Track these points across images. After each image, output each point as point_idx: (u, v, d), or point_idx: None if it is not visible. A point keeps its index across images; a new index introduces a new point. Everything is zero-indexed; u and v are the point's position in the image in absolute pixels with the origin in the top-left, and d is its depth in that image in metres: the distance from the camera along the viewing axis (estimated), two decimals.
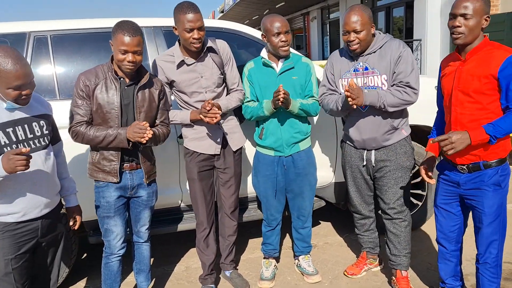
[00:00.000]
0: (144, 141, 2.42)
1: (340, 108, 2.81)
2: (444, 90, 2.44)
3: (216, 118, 2.66)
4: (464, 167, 2.38)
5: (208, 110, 2.65)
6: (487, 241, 2.40)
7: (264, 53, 2.98)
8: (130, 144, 2.51)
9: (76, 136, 2.50)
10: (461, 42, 2.26)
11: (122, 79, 2.55)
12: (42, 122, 2.19)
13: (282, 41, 2.84)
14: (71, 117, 2.52)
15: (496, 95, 2.22)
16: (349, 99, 2.58)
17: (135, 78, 2.57)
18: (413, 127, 3.11)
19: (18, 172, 1.97)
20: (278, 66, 2.96)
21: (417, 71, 2.72)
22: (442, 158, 2.63)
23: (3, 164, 1.92)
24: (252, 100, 3.01)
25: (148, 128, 2.41)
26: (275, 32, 2.83)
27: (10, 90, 1.99)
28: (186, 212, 3.52)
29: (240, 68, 3.07)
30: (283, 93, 2.71)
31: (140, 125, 2.42)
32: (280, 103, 2.74)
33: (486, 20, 2.22)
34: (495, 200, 2.34)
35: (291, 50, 3.02)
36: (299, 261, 3.36)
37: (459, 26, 2.23)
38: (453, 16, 2.26)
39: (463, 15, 2.21)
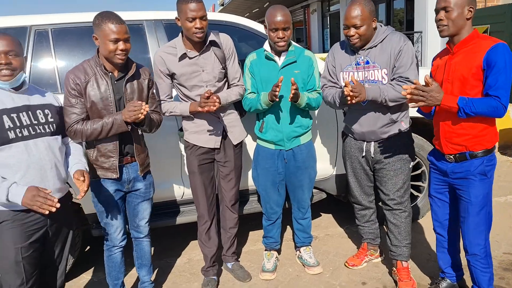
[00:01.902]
0: (143, 116, 2.37)
1: (337, 103, 2.82)
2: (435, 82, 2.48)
3: (214, 106, 2.64)
4: (451, 156, 2.45)
5: (207, 98, 2.64)
6: (474, 231, 2.45)
7: (267, 45, 2.96)
8: (129, 127, 2.48)
9: (75, 135, 2.44)
10: (446, 34, 2.35)
11: (111, 73, 2.52)
12: (46, 111, 2.26)
13: (279, 38, 2.81)
14: (67, 117, 2.44)
15: (480, 87, 2.27)
16: (348, 97, 2.56)
17: (124, 71, 2.55)
18: (414, 119, 3.12)
19: (22, 159, 2.11)
20: (280, 59, 2.94)
21: (417, 65, 2.73)
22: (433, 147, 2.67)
23: (25, 198, 2.02)
24: (253, 92, 3.00)
25: (143, 103, 2.38)
26: (273, 27, 2.80)
27: None
28: (188, 205, 3.54)
29: (241, 62, 3.07)
30: (294, 88, 2.68)
31: (134, 103, 2.39)
32: (290, 99, 2.73)
33: (469, 10, 2.29)
34: (481, 189, 2.40)
35: (294, 43, 3.01)
36: (300, 252, 3.38)
37: (442, 19, 2.32)
38: (436, 11, 2.36)
39: (444, 8, 2.31)
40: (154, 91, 2.74)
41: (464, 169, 2.42)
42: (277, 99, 2.76)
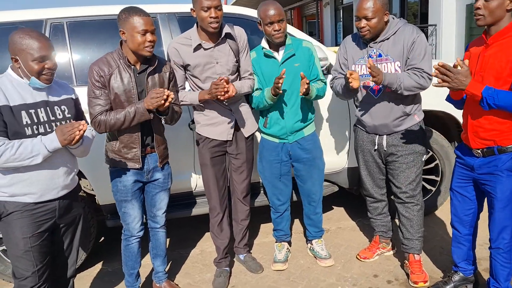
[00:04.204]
0: (167, 103, 2.41)
1: (342, 91, 2.84)
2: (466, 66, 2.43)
3: (227, 92, 2.61)
4: (479, 151, 2.39)
5: (218, 85, 2.62)
6: (499, 226, 2.41)
7: (264, 42, 2.96)
8: (151, 115, 2.51)
9: (99, 125, 2.49)
10: (481, 23, 2.25)
11: (134, 66, 2.56)
12: (63, 107, 2.27)
13: (275, 31, 2.80)
14: (92, 108, 2.50)
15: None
16: (349, 79, 2.58)
17: (146, 64, 2.58)
18: (427, 113, 3.10)
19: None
20: (280, 54, 2.93)
21: (430, 57, 2.70)
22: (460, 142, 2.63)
23: (60, 138, 2.08)
24: (259, 89, 3.01)
25: (166, 90, 2.41)
26: (268, 21, 2.80)
27: (34, 63, 2.08)
28: (200, 196, 3.57)
29: None
30: (307, 82, 2.69)
31: (156, 90, 2.43)
32: (302, 93, 2.73)
33: (511, 1, 2.18)
34: (508, 185, 2.34)
35: (293, 31, 2.98)
36: (312, 245, 3.39)
37: (479, 8, 2.22)
38: None
39: None
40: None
41: (491, 165, 2.36)
42: (281, 92, 2.76)
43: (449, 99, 2.60)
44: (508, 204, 2.36)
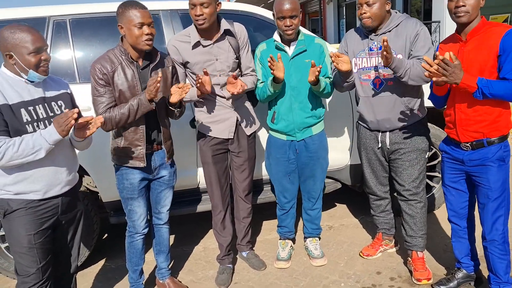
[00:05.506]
0: (184, 95, 2.46)
1: (336, 78, 2.83)
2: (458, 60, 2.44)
3: (205, 83, 2.63)
4: (468, 144, 2.44)
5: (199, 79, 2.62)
6: (493, 217, 2.45)
7: (276, 35, 2.94)
8: (153, 104, 2.50)
9: (105, 123, 2.47)
10: (466, 20, 2.32)
11: (136, 62, 2.55)
12: (60, 102, 2.28)
13: (286, 26, 2.78)
14: (96, 107, 2.49)
15: (496, 73, 2.27)
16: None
17: (148, 60, 2.57)
18: (430, 109, 3.09)
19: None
20: (291, 49, 2.92)
21: (433, 50, 2.69)
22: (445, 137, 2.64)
23: (59, 130, 2.06)
24: (264, 82, 2.99)
25: (183, 83, 2.45)
26: (280, 15, 2.78)
27: (31, 56, 2.08)
28: (205, 193, 3.57)
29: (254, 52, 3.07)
30: (318, 70, 2.65)
31: (152, 78, 2.41)
32: (311, 81, 2.71)
33: None
34: (499, 175, 2.40)
35: (305, 31, 2.98)
36: (306, 243, 3.40)
37: (463, 5, 2.30)
38: None
39: None
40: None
41: (481, 156, 2.41)
42: (279, 77, 2.72)
43: (432, 97, 2.61)
44: (501, 193, 2.42)
